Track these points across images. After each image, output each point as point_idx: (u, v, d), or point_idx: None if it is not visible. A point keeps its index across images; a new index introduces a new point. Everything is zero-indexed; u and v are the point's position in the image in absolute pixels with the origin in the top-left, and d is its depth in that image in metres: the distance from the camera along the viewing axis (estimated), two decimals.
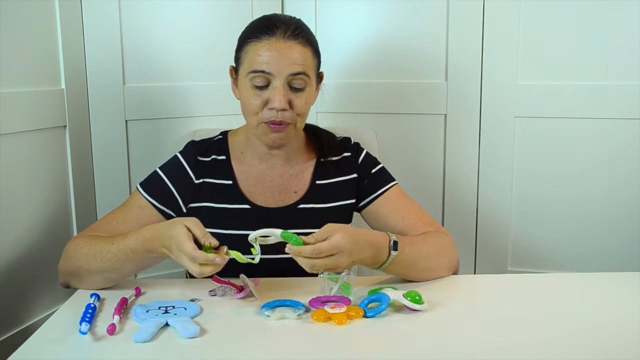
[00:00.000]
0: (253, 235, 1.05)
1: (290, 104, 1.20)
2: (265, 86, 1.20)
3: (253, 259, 1.05)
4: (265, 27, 1.21)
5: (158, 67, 1.84)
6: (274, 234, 1.05)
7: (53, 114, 1.61)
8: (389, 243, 1.14)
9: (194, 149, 1.32)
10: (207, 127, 1.76)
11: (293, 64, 1.18)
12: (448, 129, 1.97)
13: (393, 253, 1.13)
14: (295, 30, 1.21)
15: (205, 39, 1.88)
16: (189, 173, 1.29)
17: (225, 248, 1.04)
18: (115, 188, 1.80)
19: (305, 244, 1.03)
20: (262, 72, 1.18)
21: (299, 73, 1.19)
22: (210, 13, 1.89)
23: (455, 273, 1.27)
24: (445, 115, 1.96)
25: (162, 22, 1.83)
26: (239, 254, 1.04)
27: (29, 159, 1.53)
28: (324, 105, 1.34)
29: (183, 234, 1.01)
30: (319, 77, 1.30)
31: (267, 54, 1.18)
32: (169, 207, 1.27)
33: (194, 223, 1.04)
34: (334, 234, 1.04)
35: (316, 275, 1.17)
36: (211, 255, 1.00)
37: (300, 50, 1.20)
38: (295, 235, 1.03)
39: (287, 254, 1.06)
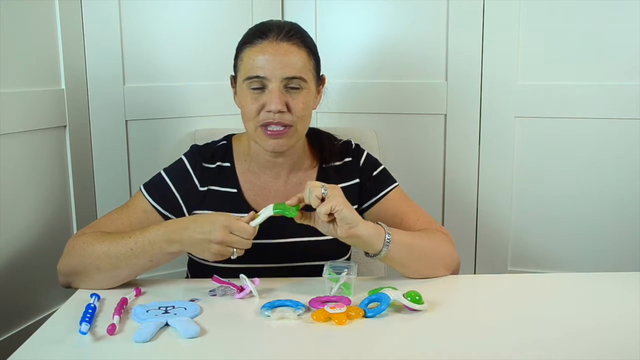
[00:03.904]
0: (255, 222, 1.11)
1: (288, 106, 1.19)
2: (262, 90, 1.20)
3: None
4: (259, 32, 1.21)
5: (158, 67, 1.84)
6: (267, 210, 1.11)
7: (53, 114, 1.61)
8: (385, 235, 1.15)
9: (199, 154, 1.31)
10: (207, 127, 1.76)
11: (287, 67, 1.18)
12: (448, 129, 1.97)
13: (388, 236, 1.14)
14: (288, 32, 1.20)
15: (205, 39, 1.88)
16: (193, 179, 1.28)
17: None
18: (115, 188, 1.80)
19: (297, 212, 1.11)
20: (257, 77, 1.19)
21: (293, 77, 1.19)
22: (211, 13, 1.89)
23: (455, 273, 1.27)
24: (445, 115, 1.96)
25: (162, 23, 1.83)
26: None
27: (29, 159, 1.53)
28: (324, 105, 1.34)
29: (231, 216, 1.09)
30: (320, 80, 1.29)
31: (261, 57, 1.18)
32: (172, 212, 1.27)
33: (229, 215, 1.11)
34: None
35: (315, 275, 1.18)
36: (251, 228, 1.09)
37: (294, 51, 1.19)
38: (286, 205, 1.10)
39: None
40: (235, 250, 1.08)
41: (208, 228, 1.07)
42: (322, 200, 1.08)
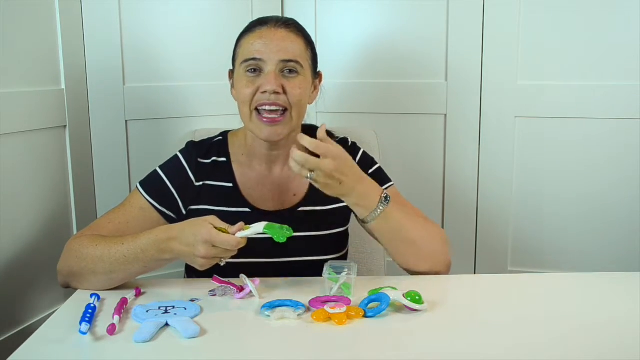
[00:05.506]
0: (242, 234, 1.07)
1: (284, 88, 1.20)
2: (259, 74, 1.21)
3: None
4: (258, 21, 1.26)
5: (158, 67, 1.84)
6: (258, 227, 1.07)
7: (53, 114, 1.61)
8: (381, 193, 1.14)
9: (194, 150, 1.31)
10: (207, 127, 1.76)
11: (284, 50, 1.21)
12: (448, 129, 1.97)
13: (381, 207, 1.13)
14: (287, 21, 1.25)
15: (205, 39, 1.88)
16: (189, 175, 1.29)
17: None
18: (115, 188, 1.80)
19: (286, 239, 1.06)
20: (254, 59, 1.21)
21: (290, 60, 1.21)
22: (210, 13, 1.89)
23: (445, 273, 1.25)
24: (445, 115, 1.96)
25: (162, 22, 1.83)
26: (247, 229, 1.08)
27: (29, 159, 1.53)
28: (324, 105, 1.34)
29: (212, 228, 1.05)
30: (317, 74, 1.30)
31: (259, 42, 1.21)
32: (169, 208, 1.27)
33: (216, 220, 1.08)
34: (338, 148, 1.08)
35: (314, 270, 1.18)
36: (242, 240, 1.06)
37: (292, 38, 1.23)
38: (277, 229, 1.06)
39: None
40: (222, 258, 1.08)
41: (192, 241, 1.06)
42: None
